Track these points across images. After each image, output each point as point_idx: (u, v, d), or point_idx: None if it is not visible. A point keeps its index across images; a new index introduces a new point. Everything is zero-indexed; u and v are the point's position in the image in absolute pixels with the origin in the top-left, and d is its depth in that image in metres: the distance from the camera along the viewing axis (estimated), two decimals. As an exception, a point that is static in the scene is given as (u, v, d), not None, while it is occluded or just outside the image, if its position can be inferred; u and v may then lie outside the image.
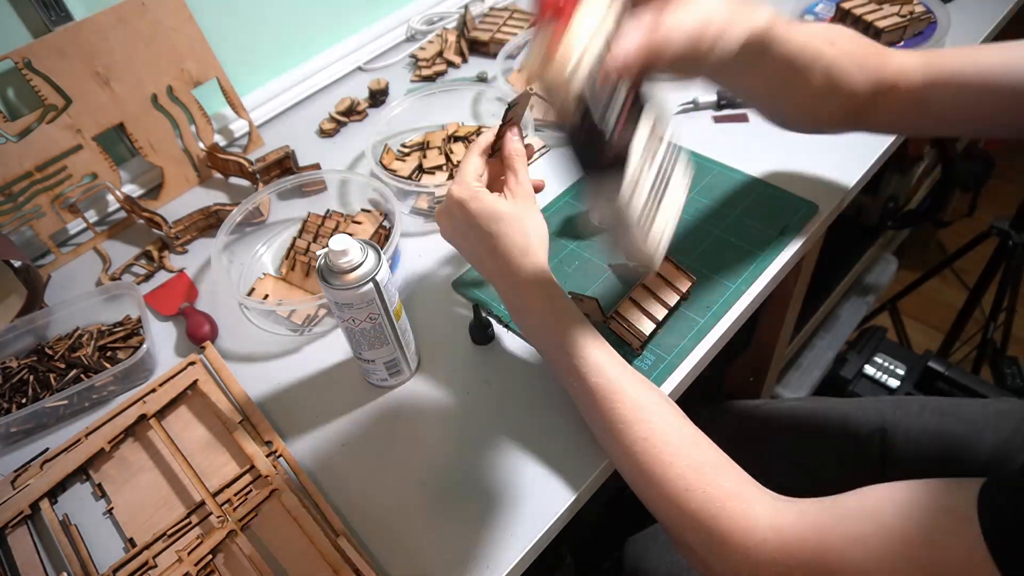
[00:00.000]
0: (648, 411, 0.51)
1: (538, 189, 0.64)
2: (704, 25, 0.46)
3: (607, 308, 0.65)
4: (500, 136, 0.61)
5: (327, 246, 0.54)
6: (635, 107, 0.42)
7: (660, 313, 0.64)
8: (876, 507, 0.44)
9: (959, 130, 0.66)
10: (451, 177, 0.82)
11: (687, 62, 0.48)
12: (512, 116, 0.59)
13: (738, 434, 0.91)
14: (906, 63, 0.60)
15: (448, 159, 0.84)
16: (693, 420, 0.54)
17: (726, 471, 0.49)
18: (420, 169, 0.84)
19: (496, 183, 0.63)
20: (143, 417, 0.66)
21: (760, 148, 0.81)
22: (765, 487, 0.49)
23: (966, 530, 0.39)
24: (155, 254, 0.83)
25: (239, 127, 0.98)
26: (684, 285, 0.65)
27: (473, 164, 0.60)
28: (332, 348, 0.70)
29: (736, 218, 0.74)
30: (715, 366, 0.68)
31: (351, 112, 0.99)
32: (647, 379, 0.55)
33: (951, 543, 0.39)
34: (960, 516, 0.39)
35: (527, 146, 0.62)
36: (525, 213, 0.57)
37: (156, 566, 0.57)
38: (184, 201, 0.91)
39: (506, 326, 0.68)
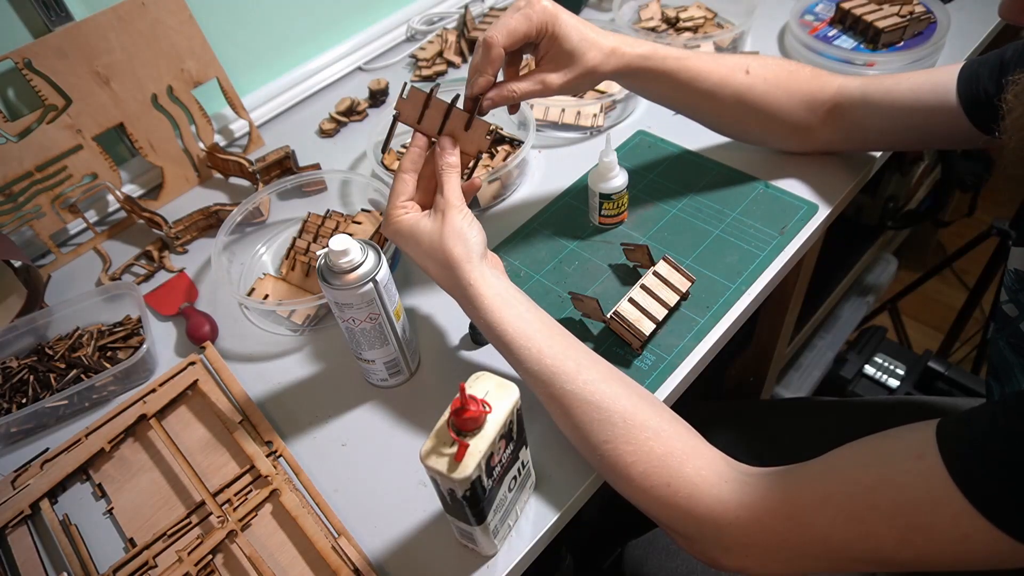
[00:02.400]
0: (606, 411, 0.51)
1: (475, 188, 0.61)
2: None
3: (607, 308, 0.65)
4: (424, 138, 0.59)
5: (327, 246, 0.54)
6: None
7: (660, 313, 0.64)
8: (838, 464, 0.45)
9: (898, 144, 0.75)
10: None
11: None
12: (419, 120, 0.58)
13: (737, 434, 0.91)
14: (847, 86, 0.69)
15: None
16: (691, 421, 0.54)
17: (690, 458, 0.50)
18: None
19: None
20: (143, 417, 0.66)
21: (760, 149, 0.81)
22: (737, 461, 0.50)
23: (927, 463, 0.39)
24: (155, 254, 0.83)
25: (239, 127, 0.98)
26: (684, 285, 0.66)
27: (398, 188, 0.58)
28: (332, 348, 0.70)
29: (736, 218, 0.74)
30: (715, 366, 0.68)
31: (351, 112, 0.99)
32: (606, 367, 0.54)
33: (913, 480, 0.40)
34: (919, 452, 0.40)
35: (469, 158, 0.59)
36: (446, 227, 0.55)
37: (156, 566, 0.57)
38: (184, 201, 0.91)
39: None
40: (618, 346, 0.65)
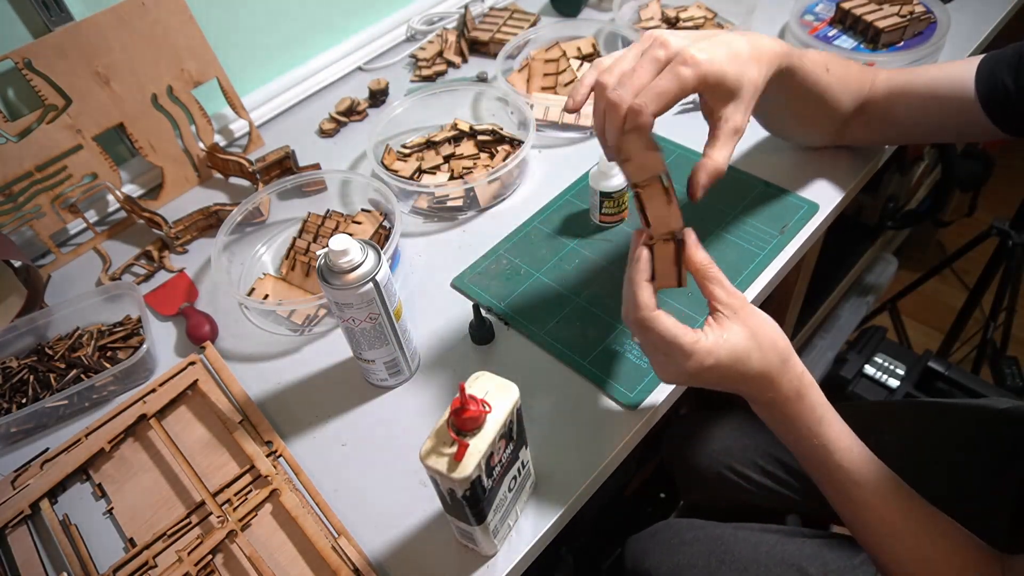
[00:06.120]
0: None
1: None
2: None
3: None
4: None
5: (327, 246, 0.54)
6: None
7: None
8: None
9: (913, 138, 0.73)
10: (452, 177, 0.82)
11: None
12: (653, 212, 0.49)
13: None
14: (875, 80, 0.69)
15: (447, 160, 0.84)
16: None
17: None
18: (420, 170, 0.84)
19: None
20: (143, 417, 0.66)
21: (761, 147, 0.81)
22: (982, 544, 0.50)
23: None
24: (155, 254, 0.83)
25: (239, 127, 0.98)
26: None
27: (645, 298, 0.48)
28: (332, 348, 0.70)
29: (736, 218, 0.74)
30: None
31: (351, 112, 0.99)
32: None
33: None
34: None
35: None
36: (758, 330, 0.49)
37: (156, 566, 0.57)
38: (184, 201, 0.91)
39: (507, 324, 0.68)
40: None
